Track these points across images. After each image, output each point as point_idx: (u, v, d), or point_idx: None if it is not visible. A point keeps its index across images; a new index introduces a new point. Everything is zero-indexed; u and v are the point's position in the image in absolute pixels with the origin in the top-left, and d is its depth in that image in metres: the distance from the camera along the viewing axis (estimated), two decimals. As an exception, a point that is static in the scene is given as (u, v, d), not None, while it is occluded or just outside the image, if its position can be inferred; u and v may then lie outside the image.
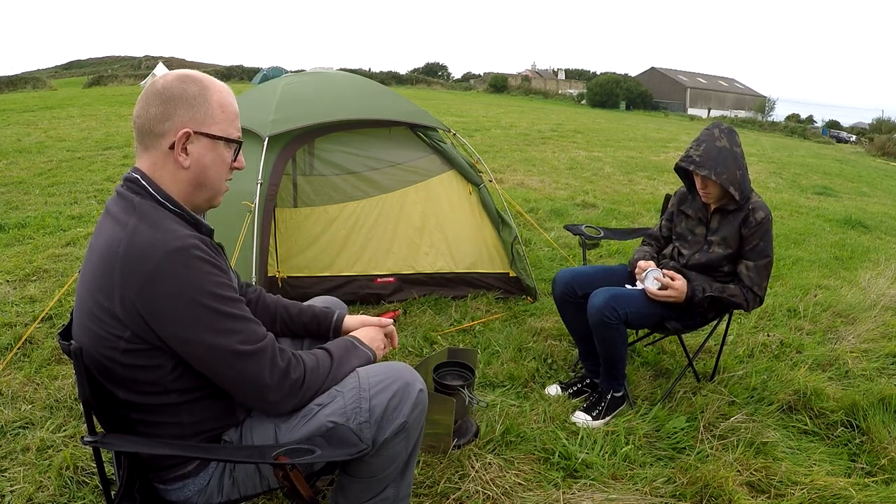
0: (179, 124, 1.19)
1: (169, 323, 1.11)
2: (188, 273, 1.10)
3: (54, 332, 2.90)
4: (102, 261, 1.12)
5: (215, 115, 1.23)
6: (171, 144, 1.20)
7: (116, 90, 23.32)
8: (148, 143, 1.21)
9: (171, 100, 1.19)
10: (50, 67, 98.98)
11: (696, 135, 2.38)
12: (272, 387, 1.20)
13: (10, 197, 5.52)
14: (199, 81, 1.22)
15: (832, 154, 20.15)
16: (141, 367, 1.16)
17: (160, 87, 1.20)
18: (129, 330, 1.12)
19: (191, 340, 1.13)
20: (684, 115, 41.31)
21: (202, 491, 1.30)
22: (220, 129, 1.24)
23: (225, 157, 1.27)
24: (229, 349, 1.14)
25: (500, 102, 30.65)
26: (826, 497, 1.99)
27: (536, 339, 3.08)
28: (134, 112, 1.22)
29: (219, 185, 1.28)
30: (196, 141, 1.21)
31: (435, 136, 3.35)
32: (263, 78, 30.24)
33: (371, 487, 1.40)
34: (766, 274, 2.31)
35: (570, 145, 12.64)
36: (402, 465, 1.41)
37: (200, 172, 1.23)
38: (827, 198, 8.93)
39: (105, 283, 1.11)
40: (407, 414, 1.32)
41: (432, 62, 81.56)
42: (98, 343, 1.15)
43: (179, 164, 1.21)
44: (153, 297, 1.09)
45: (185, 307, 1.10)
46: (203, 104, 1.21)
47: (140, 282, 1.08)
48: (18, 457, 1.99)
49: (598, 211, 6.39)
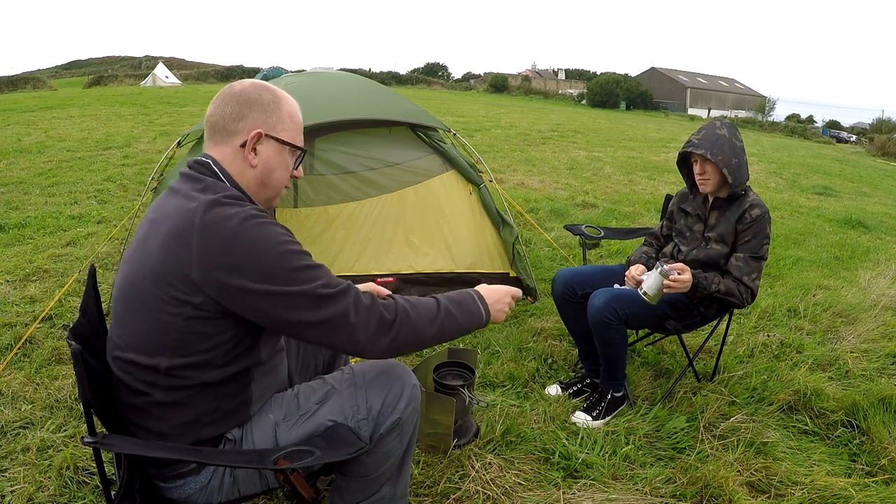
0: (252, 125, 1.28)
1: (250, 278, 1.13)
2: (265, 232, 1.15)
3: (54, 332, 2.90)
4: (175, 232, 1.15)
5: (285, 123, 1.32)
6: (242, 143, 1.28)
7: (116, 90, 23.32)
8: (219, 139, 1.29)
9: (247, 102, 1.28)
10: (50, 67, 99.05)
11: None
12: (359, 325, 1.19)
13: (10, 197, 5.52)
14: (273, 91, 1.32)
15: (832, 154, 20.15)
16: (199, 335, 1.17)
17: (237, 91, 1.29)
18: (201, 295, 1.13)
19: (272, 293, 1.14)
20: (684, 115, 41.31)
21: (203, 489, 1.30)
22: (288, 136, 1.33)
23: (288, 163, 1.35)
24: (313, 294, 1.16)
25: (501, 102, 30.65)
26: (826, 497, 1.99)
27: (536, 339, 3.08)
28: (208, 110, 1.30)
29: (279, 187, 1.36)
30: (266, 143, 1.30)
31: (435, 136, 3.35)
32: (263, 78, 30.15)
33: (367, 486, 1.40)
34: (757, 267, 2.30)
35: (571, 145, 12.64)
36: (398, 463, 1.41)
37: (267, 173, 1.31)
38: (827, 198, 8.93)
39: (181, 250, 1.13)
40: (402, 410, 1.34)
41: (432, 62, 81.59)
42: (159, 308, 1.15)
43: (248, 163, 1.29)
44: (234, 256, 1.12)
45: (265, 260, 1.13)
46: (276, 111, 1.30)
47: (219, 245, 1.12)
48: (18, 457, 1.99)
49: (598, 211, 6.39)
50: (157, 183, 3.29)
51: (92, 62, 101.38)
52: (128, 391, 1.23)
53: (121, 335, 1.22)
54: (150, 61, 54.91)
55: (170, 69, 38.32)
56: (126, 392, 1.23)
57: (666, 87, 50.74)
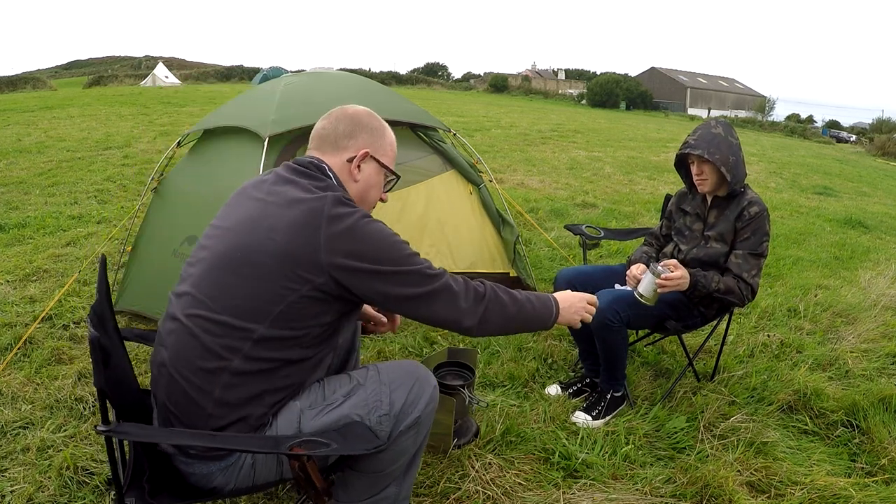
0: (362, 144, 1.45)
1: (371, 262, 1.27)
2: (380, 228, 1.32)
3: (54, 332, 2.90)
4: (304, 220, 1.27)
5: (386, 149, 1.50)
6: (350, 158, 1.43)
7: (116, 90, 23.32)
8: (327, 150, 1.44)
9: (360, 125, 1.46)
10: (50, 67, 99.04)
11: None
12: (460, 294, 1.37)
13: (10, 197, 5.52)
14: (380, 120, 1.51)
15: (832, 154, 20.15)
16: (305, 313, 1.28)
17: (351, 112, 1.47)
18: (324, 276, 1.26)
19: (391, 272, 1.29)
20: (684, 115, 41.30)
21: (224, 470, 1.32)
22: (388, 161, 1.50)
23: (381, 185, 1.51)
24: (422, 272, 1.33)
25: (501, 102, 30.65)
26: (826, 497, 1.99)
27: (536, 338, 3.08)
28: (318, 124, 1.48)
29: (371, 205, 1.51)
30: (369, 162, 1.46)
31: (435, 136, 3.35)
32: (263, 78, 30.23)
33: (374, 483, 1.42)
34: (756, 265, 2.29)
35: (571, 145, 12.64)
36: (408, 462, 1.44)
37: (365, 190, 1.47)
38: (827, 198, 8.93)
39: (311, 236, 1.26)
40: (422, 409, 1.39)
41: (432, 62, 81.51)
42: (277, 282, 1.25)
43: (352, 176, 1.45)
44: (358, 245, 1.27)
45: (383, 247, 1.29)
46: (381, 137, 1.49)
47: (346, 235, 1.26)
48: (18, 457, 1.99)
49: (598, 211, 6.39)
50: (157, 183, 3.29)
51: (92, 62, 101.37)
52: (203, 352, 1.27)
53: (215, 297, 1.28)
54: (150, 61, 54.87)
55: (170, 69, 38.28)
56: (200, 353, 1.27)
57: (666, 87, 50.73)
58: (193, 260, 1.38)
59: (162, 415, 1.34)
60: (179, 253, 2.90)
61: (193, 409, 1.28)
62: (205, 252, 1.35)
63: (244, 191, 1.43)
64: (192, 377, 1.27)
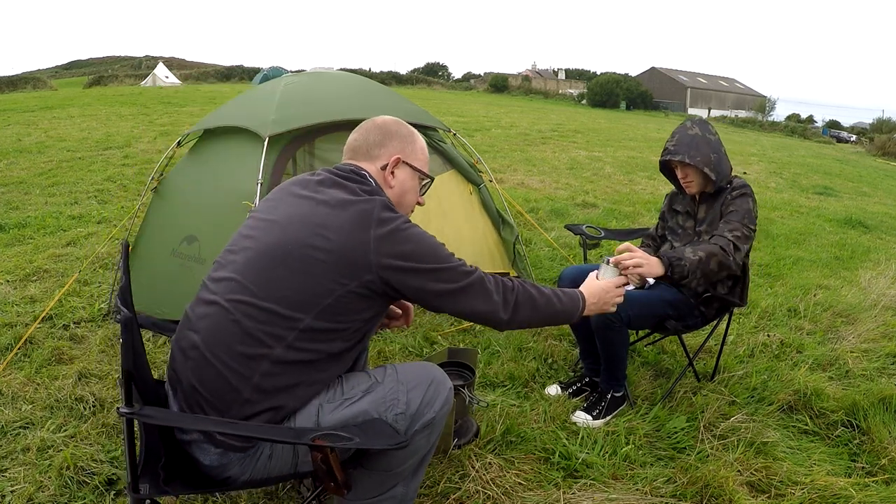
0: (393, 151, 1.51)
1: (416, 261, 1.34)
2: (421, 232, 1.39)
3: (55, 332, 2.90)
4: (357, 221, 1.33)
5: (417, 154, 1.55)
6: (383, 165, 1.50)
7: (117, 90, 23.33)
8: (360, 160, 1.51)
9: (389, 133, 1.52)
10: (50, 67, 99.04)
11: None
12: (494, 290, 1.45)
13: (10, 197, 5.52)
14: (409, 127, 1.57)
15: (832, 154, 20.15)
16: (350, 307, 1.33)
17: (380, 123, 1.53)
18: (371, 274, 1.31)
19: (432, 269, 1.36)
20: (685, 115, 41.27)
21: (242, 460, 1.33)
22: (420, 165, 1.55)
23: (416, 189, 1.57)
24: (459, 269, 1.41)
25: (501, 102, 30.65)
26: (826, 497, 1.99)
27: (536, 338, 3.08)
28: (351, 137, 1.54)
29: (409, 208, 1.57)
30: (402, 168, 1.52)
31: (435, 135, 3.35)
32: (264, 78, 30.23)
33: (383, 483, 1.43)
34: (739, 227, 2.21)
35: (571, 145, 12.64)
36: (418, 462, 1.46)
37: (401, 194, 1.53)
38: (827, 198, 8.93)
39: (362, 237, 1.31)
40: (437, 410, 1.40)
41: (432, 62, 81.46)
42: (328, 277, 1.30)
43: (387, 183, 1.51)
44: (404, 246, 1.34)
45: (425, 248, 1.37)
46: (412, 143, 1.54)
47: (393, 237, 1.33)
48: (19, 457, 1.99)
49: (598, 211, 6.39)
50: (157, 183, 3.29)
51: (92, 62, 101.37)
52: (245, 338, 1.29)
53: (262, 284, 1.31)
54: (150, 61, 54.88)
55: (170, 69, 38.30)
56: (242, 338, 1.29)
57: (666, 87, 50.72)
58: (236, 248, 1.41)
59: (190, 399, 1.33)
60: (179, 252, 2.90)
61: (230, 394, 1.29)
62: (250, 241, 1.38)
63: (289, 188, 1.47)
64: (230, 361, 1.29)
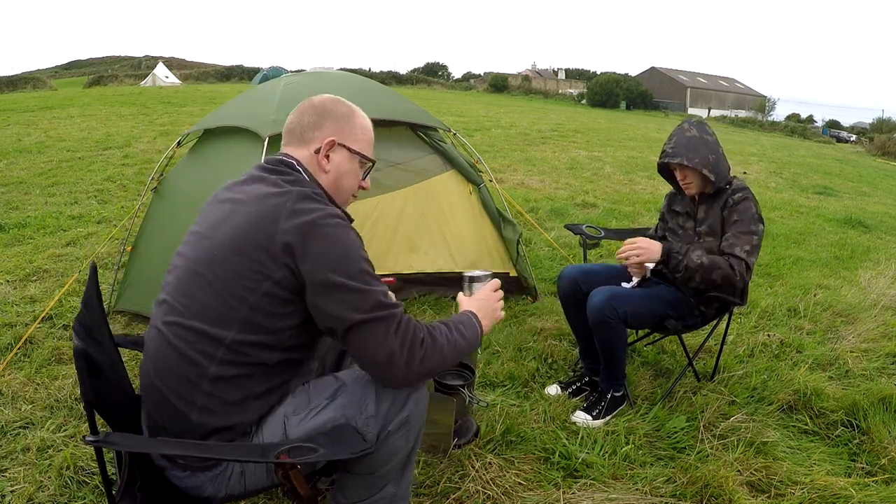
0: (328, 133, 1.40)
1: (325, 266, 1.20)
2: (345, 233, 1.25)
3: (54, 332, 2.90)
4: (265, 213, 1.23)
5: (357, 135, 1.44)
6: (317, 149, 1.40)
7: (116, 90, 23.32)
8: (295, 143, 1.42)
9: (325, 113, 1.42)
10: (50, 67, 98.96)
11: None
12: (400, 342, 1.24)
13: (10, 197, 5.52)
14: (348, 105, 1.46)
15: (832, 154, 20.14)
16: (270, 314, 1.24)
17: (317, 103, 1.43)
18: (281, 271, 1.21)
19: (340, 285, 1.20)
20: (684, 114, 41.28)
21: (214, 479, 1.31)
22: (359, 147, 1.45)
23: (357, 172, 1.46)
24: (375, 299, 1.23)
25: (501, 102, 30.64)
26: (826, 497, 1.99)
27: (536, 338, 3.08)
28: (287, 120, 1.44)
29: (348, 194, 1.46)
30: (338, 151, 1.42)
31: (435, 135, 3.35)
32: (263, 78, 30.23)
33: (371, 485, 1.40)
34: (748, 241, 2.24)
35: (571, 145, 12.64)
36: (402, 462, 1.42)
37: (337, 178, 1.42)
38: (827, 197, 8.93)
39: (269, 227, 1.21)
40: (410, 408, 1.35)
41: (432, 62, 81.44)
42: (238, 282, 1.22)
43: (321, 168, 1.41)
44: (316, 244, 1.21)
45: (340, 255, 1.22)
46: (349, 122, 1.44)
47: (305, 230, 1.21)
48: (19, 457, 1.99)
49: (598, 211, 6.39)
50: (157, 183, 3.29)
51: (92, 62, 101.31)
52: (181, 360, 1.25)
53: (187, 304, 1.26)
54: (150, 61, 54.85)
55: (170, 69, 38.27)
56: (179, 361, 1.25)
57: (666, 87, 50.72)
58: (171, 267, 1.36)
59: (150, 425, 1.33)
60: (179, 253, 2.89)
61: (179, 419, 1.26)
62: (179, 259, 1.34)
63: (216, 194, 1.40)
64: (174, 385, 1.26)
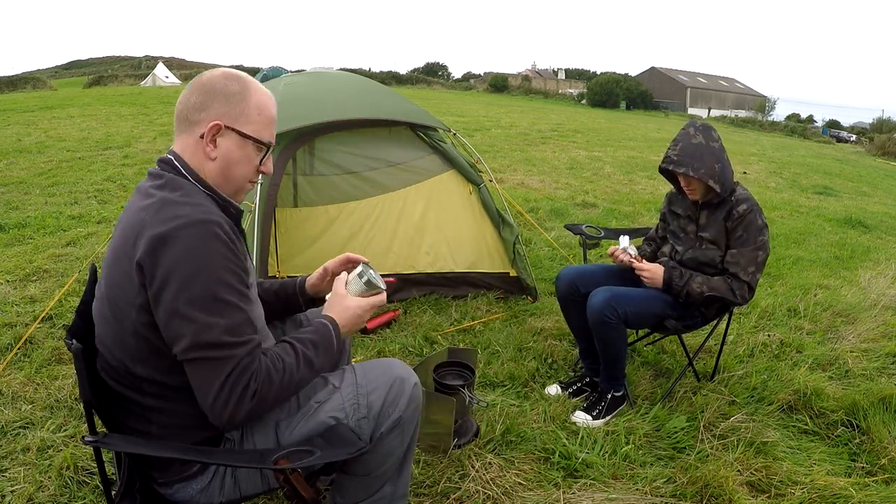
0: (213, 116, 1.22)
1: (159, 284, 1.08)
2: (200, 244, 1.10)
3: (54, 332, 2.90)
4: (127, 228, 1.14)
5: (250, 116, 1.25)
6: (202, 134, 1.23)
7: (116, 90, 23.31)
8: (183, 129, 1.25)
9: (212, 92, 1.23)
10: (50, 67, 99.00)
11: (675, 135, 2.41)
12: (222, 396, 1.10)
13: (10, 197, 5.52)
14: (242, 81, 1.26)
15: (832, 154, 20.14)
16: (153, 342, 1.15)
17: (205, 80, 1.25)
18: (140, 296, 1.11)
19: (174, 308, 1.08)
20: (685, 114, 41.26)
21: (204, 490, 1.29)
22: (253, 130, 1.26)
23: (252, 158, 1.28)
24: (212, 337, 1.09)
25: (501, 102, 30.63)
26: (826, 497, 1.99)
27: (536, 338, 3.08)
28: (178, 99, 1.26)
29: (242, 182, 1.30)
30: (226, 136, 1.24)
31: (435, 135, 3.35)
32: (263, 78, 30.08)
33: (368, 485, 1.40)
34: (753, 260, 2.27)
35: (571, 145, 12.64)
36: (399, 462, 1.41)
37: (226, 167, 1.26)
38: (827, 197, 8.92)
39: (129, 249, 1.11)
40: (402, 409, 1.34)
41: (432, 62, 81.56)
42: (120, 313, 1.15)
43: (207, 156, 1.24)
44: (161, 258, 1.08)
45: (184, 273, 1.07)
46: (240, 103, 1.24)
47: (154, 245, 1.08)
48: (19, 457, 1.99)
49: (598, 211, 6.39)
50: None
51: (92, 62, 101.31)
52: (121, 395, 1.23)
53: (105, 343, 1.22)
54: (150, 61, 54.85)
55: (170, 69, 38.28)
56: (120, 396, 1.23)
57: (666, 87, 50.71)
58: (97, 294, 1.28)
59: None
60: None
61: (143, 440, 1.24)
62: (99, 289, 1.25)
63: None
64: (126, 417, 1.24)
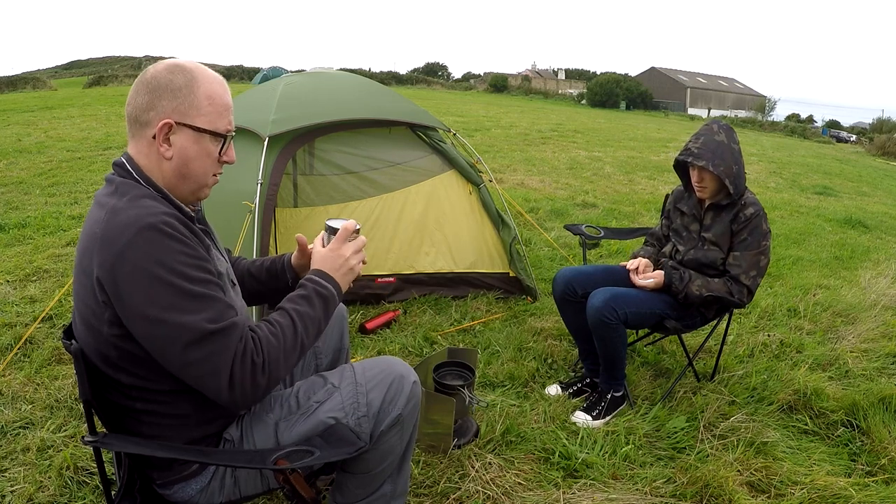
0: (163, 114, 1.16)
1: (127, 300, 1.05)
2: (152, 248, 1.06)
3: (54, 332, 2.90)
4: (84, 243, 1.12)
5: (201, 107, 1.19)
6: (154, 134, 1.17)
7: (116, 90, 23.28)
8: (135, 131, 1.19)
9: (157, 89, 1.17)
10: (50, 67, 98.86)
11: (696, 130, 2.40)
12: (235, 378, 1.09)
13: (10, 197, 5.52)
14: (188, 72, 1.19)
15: (832, 154, 20.13)
16: (130, 351, 1.13)
17: (149, 76, 1.18)
18: (107, 311, 1.09)
19: (149, 317, 1.05)
20: (684, 114, 41.26)
21: (203, 490, 1.29)
22: (206, 122, 1.20)
23: (210, 151, 1.23)
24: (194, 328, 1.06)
25: (501, 102, 30.63)
26: (826, 497, 1.99)
27: (536, 338, 3.08)
28: (126, 100, 1.21)
29: (203, 178, 1.24)
30: (179, 132, 1.18)
31: (435, 135, 3.35)
32: (263, 78, 30.19)
33: (368, 483, 1.40)
34: (756, 264, 2.28)
35: (571, 145, 12.64)
36: (398, 460, 1.41)
37: (183, 164, 1.20)
38: (827, 197, 8.92)
39: (87, 265, 1.09)
40: (402, 406, 1.34)
41: (432, 62, 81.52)
42: (91, 326, 1.14)
43: (162, 156, 1.18)
44: (118, 274, 1.05)
45: (145, 282, 1.04)
46: (188, 95, 1.18)
47: (111, 260, 1.05)
48: (19, 457, 1.99)
49: (598, 211, 6.39)
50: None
51: (92, 62, 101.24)
52: (113, 399, 1.22)
53: (87, 352, 1.20)
54: (150, 61, 54.70)
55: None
56: (109, 400, 1.23)
57: (666, 87, 50.70)
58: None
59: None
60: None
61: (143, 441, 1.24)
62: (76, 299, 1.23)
63: None
64: (122, 419, 1.23)
